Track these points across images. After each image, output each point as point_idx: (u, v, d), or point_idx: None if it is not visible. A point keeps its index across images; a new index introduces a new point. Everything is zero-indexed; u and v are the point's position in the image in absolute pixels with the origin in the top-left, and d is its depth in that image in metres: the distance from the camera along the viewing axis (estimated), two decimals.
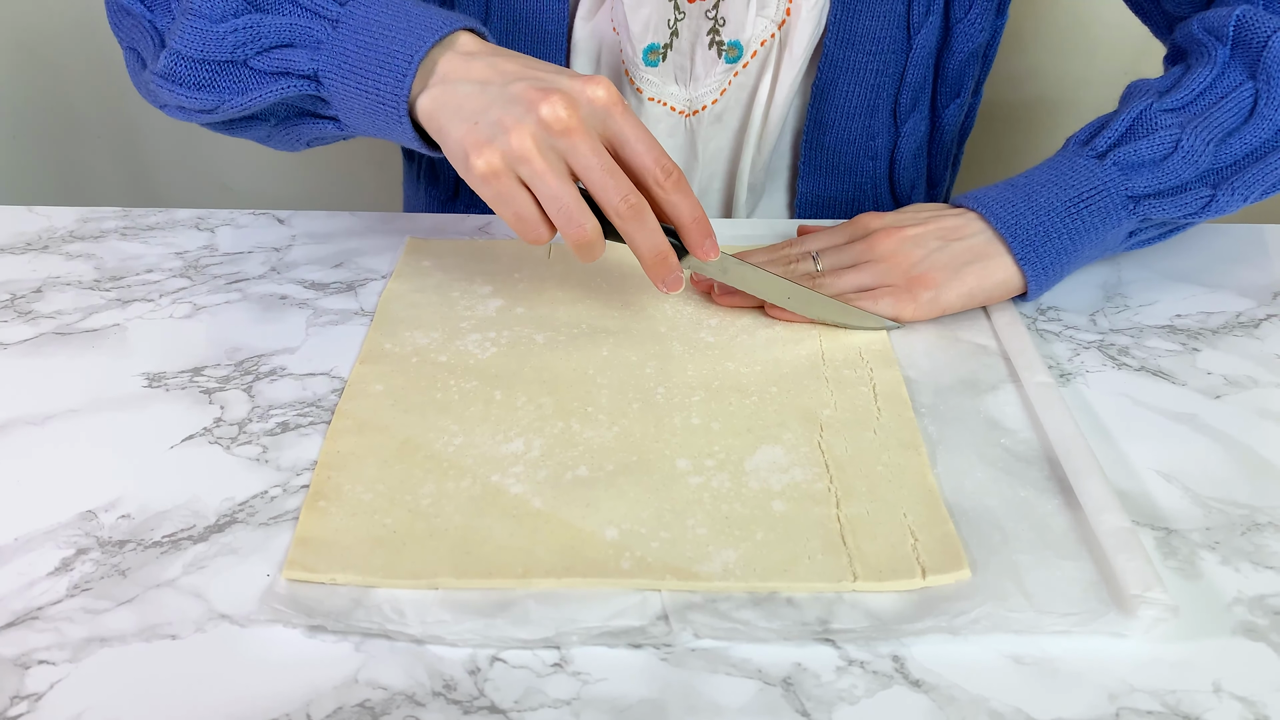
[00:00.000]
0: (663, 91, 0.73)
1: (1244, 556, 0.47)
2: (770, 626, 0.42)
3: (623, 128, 0.52)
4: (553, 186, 0.51)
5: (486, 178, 0.51)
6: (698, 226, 0.54)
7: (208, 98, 0.57)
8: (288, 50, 0.56)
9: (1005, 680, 0.41)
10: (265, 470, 0.50)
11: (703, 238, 0.55)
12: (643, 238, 0.53)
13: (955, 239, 0.60)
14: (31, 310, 0.61)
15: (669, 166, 0.53)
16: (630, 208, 0.52)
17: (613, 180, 0.51)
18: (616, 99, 0.52)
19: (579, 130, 0.50)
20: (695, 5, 0.70)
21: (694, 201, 0.54)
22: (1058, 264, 0.60)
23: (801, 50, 0.71)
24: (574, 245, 0.53)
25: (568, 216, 0.52)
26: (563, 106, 0.50)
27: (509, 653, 0.42)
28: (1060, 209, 0.60)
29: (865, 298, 0.59)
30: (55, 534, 0.46)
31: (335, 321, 0.61)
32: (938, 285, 0.59)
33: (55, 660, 0.41)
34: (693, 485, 0.49)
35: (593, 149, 0.51)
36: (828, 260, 0.62)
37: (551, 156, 0.51)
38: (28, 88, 1.35)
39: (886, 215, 0.63)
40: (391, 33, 0.54)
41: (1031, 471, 0.50)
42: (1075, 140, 0.64)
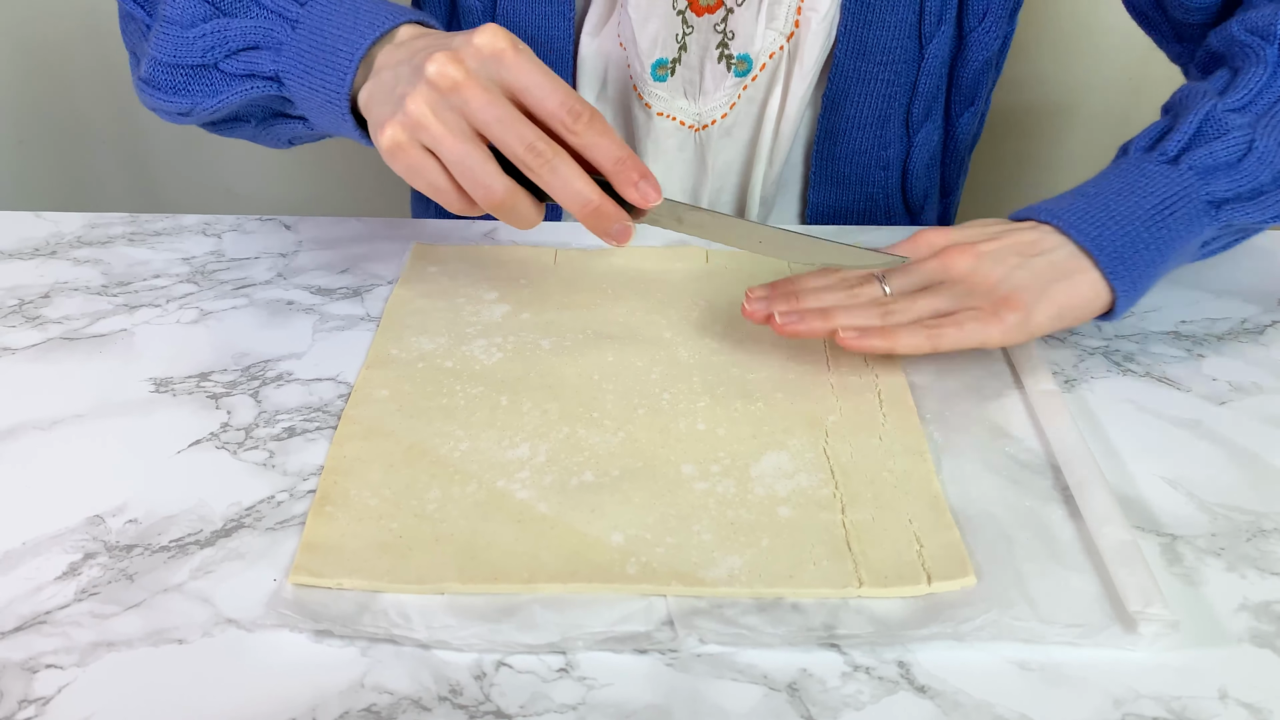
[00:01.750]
0: (671, 106, 0.73)
1: (1249, 563, 0.47)
2: (775, 632, 0.42)
3: (516, 74, 0.48)
4: (453, 149, 0.48)
5: (392, 152, 0.50)
6: (623, 168, 0.49)
7: (182, 101, 0.59)
8: (253, 53, 0.57)
9: (1010, 686, 0.41)
10: (272, 475, 0.50)
11: (634, 181, 0.50)
12: (559, 186, 0.49)
13: (1035, 254, 0.55)
14: (39, 315, 0.62)
15: (577, 107, 0.48)
16: (536, 155, 0.48)
17: (514, 129, 0.48)
18: (505, 44, 0.49)
19: (467, 83, 0.48)
20: (704, 19, 0.70)
21: (614, 141, 0.49)
22: (1146, 276, 0.56)
23: (812, 62, 0.71)
24: (491, 210, 0.50)
25: (472, 178, 0.49)
26: (447, 62, 0.48)
27: (515, 658, 0.42)
28: (1143, 218, 0.55)
29: (947, 323, 0.53)
30: (63, 538, 0.47)
31: (342, 327, 0.61)
32: (1025, 306, 0.54)
33: (63, 664, 0.41)
34: (698, 491, 0.49)
35: (487, 100, 0.48)
36: (896, 282, 0.56)
37: (449, 117, 0.48)
38: (35, 94, 1.36)
39: (951, 231, 0.58)
40: (340, 30, 0.55)
41: (1037, 480, 0.50)
42: (1137, 147, 0.60)
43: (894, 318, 0.54)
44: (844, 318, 0.54)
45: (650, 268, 0.66)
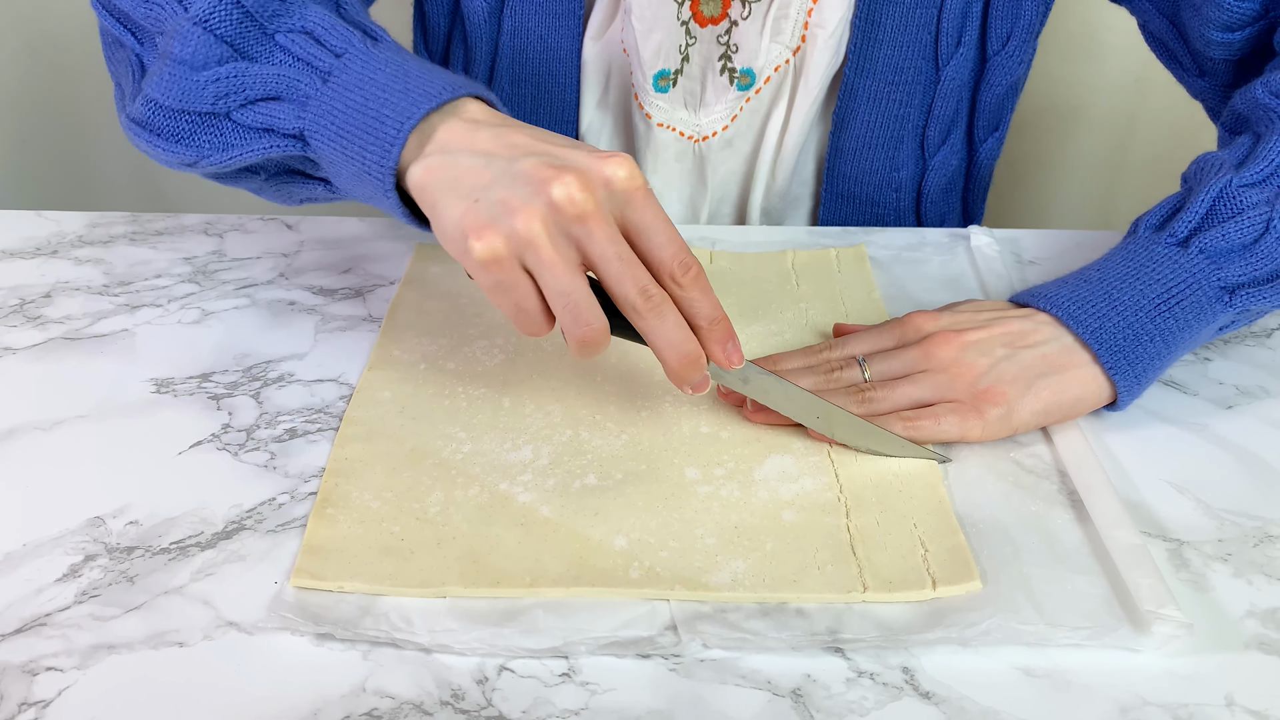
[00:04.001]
0: (672, 117, 0.73)
1: (1256, 569, 0.46)
2: (780, 637, 0.42)
3: (643, 215, 0.46)
4: (562, 279, 0.45)
5: (487, 264, 0.45)
6: (717, 329, 0.48)
7: (185, 152, 0.53)
8: (273, 104, 0.51)
9: (1016, 692, 0.41)
10: (273, 477, 0.50)
11: (723, 342, 0.48)
12: (664, 334, 0.46)
13: (1025, 346, 0.53)
14: (40, 315, 0.62)
15: (688, 261, 0.46)
16: (649, 300, 0.46)
17: (631, 272, 0.45)
18: (639, 182, 0.46)
19: (595, 215, 0.44)
20: (707, 30, 0.70)
21: (714, 301, 0.47)
22: (1150, 369, 0.52)
23: (818, 78, 0.71)
24: (577, 344, 0.47)
25: (575, 314, 0.46)
26: (578, 188, 0.44)
27: (517, 662, 0.42)
28: (1148, 308, 0.52)
29: (925, 415, 0.51)
30: (63, 540, 0.46)
31: (344, 328, 0.61)
32: (1008, 401, 0.51)
33: (63, 667, 0.41)
34: (702, 494, 0.49)
35: (610, 237, 0.45)
36: (876, 367, 0.54)
37: (562, 244, 0.45)
38: (37, 92, 1.36)
39: (942, 315, 0.55)
40: (386, 94, 0.49)
41: (1043, 484, 0.50)
42: (1147, 225, 0.56)
43: (871, 406, 0.52)
44: None
45: None
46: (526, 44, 0.72)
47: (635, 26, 0.69)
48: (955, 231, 0.71)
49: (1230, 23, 0.62)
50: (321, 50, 0.51)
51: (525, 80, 0.74)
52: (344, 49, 0.51)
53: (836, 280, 0.65)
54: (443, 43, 0.77)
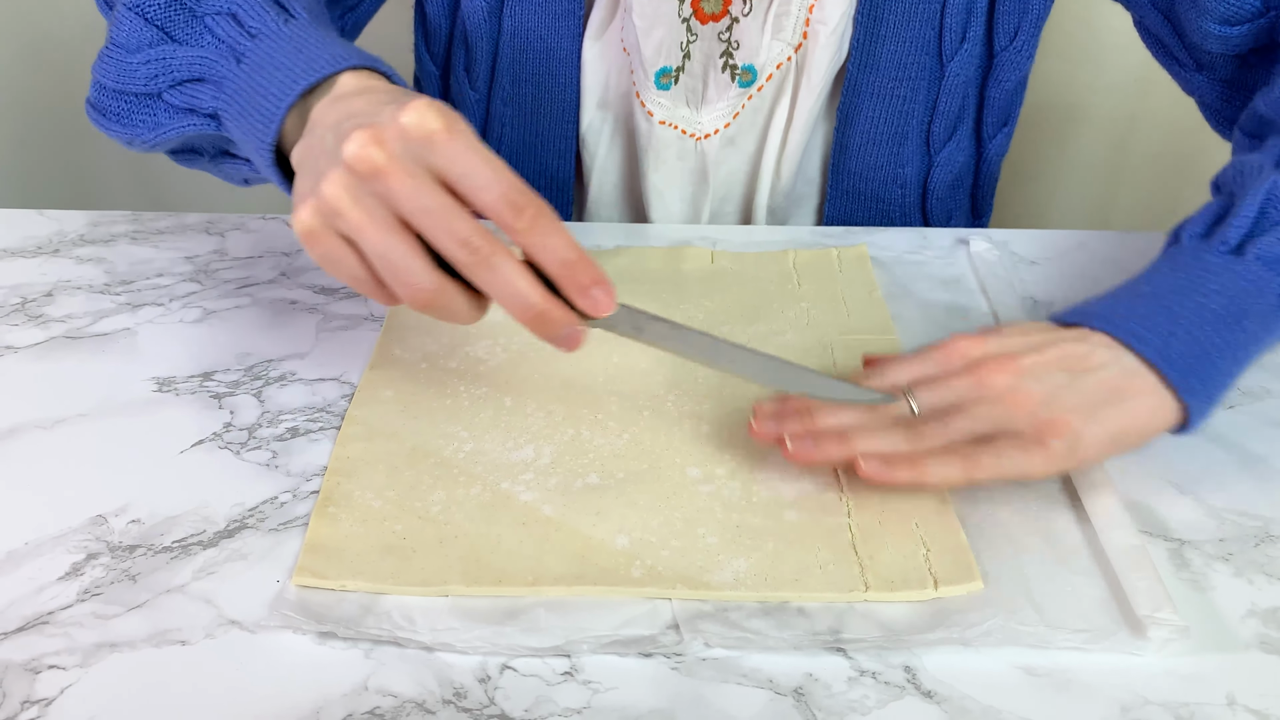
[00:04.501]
0: (673, 115, 0.73)
1: (1258, 568, 0.46)
2: (781, 636, 0.42)
3: (450, 160, 0.42)
4: (373, 241, 0.42)
5: (305, 239, 0.43)
6: (571, 271, 0.43)
7: (122, 131, 0.55)
8: (198, 85, 0.52)
9: (1017, 692, 0.41)
10: (275, 476, 0.50)
11: (584, 288, 0.44)
12: (499, 288, 0.43)
13: (1084, 370, 0.48)
14: (42, 314, 0.62)
15: (519, 200, 0.42)
16: (471, 251, 0.42)
17: (444, 224, 0.42)
18: (438, 124, 0.41)
19: (390, 170, 0.41)
20: (708, 27, 0.69)
21: (563, 240, 0.43)
22: (1220, 389, 0.49)
23: (820, 75, 0.70)
24: (416, 307, 0.43)
25: (394, 274, 0.43)
26: (367, 143, 0.41)
27: (519, 661, 0.42)
28: (1212, 322, 0.48)
29: (985, 451, 0.46)
30: (65, 539, 0.46)
31: (345, 327, 0.61)
32: (1073, 431, 0.46)
33: (65, 665, 0.41)
34: (704, 494, 0.49)
35: (412, 190, 0.41)
36: (924, 399, 0.49)
37: (370, 204, 0.42)
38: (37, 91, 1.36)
39: (988, 339, 0.50)
40: (279, 72, 0.49)
41: (1044, 484, 0.50)
42: (1191, 234, 0.52)
43: (922, 441, 0.47)
44: (865, 442, 0.47)
45: (655, 268, 0.66)
46: (526, 44, 0.72)
47: (636, 24, 0.69)
48: (957, 233, 0.71)
49: (1229, 16, 0.61)
50: (240, 31, 0.51)
51: (525, 80, 0.74)
52: (259, 29, 0.51)
53: (838, 280, 0.65)
54: (444, 43, 0.77)
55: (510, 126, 0.76)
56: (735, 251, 0.68)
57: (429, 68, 0.79)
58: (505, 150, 0.77)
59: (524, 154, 0.77)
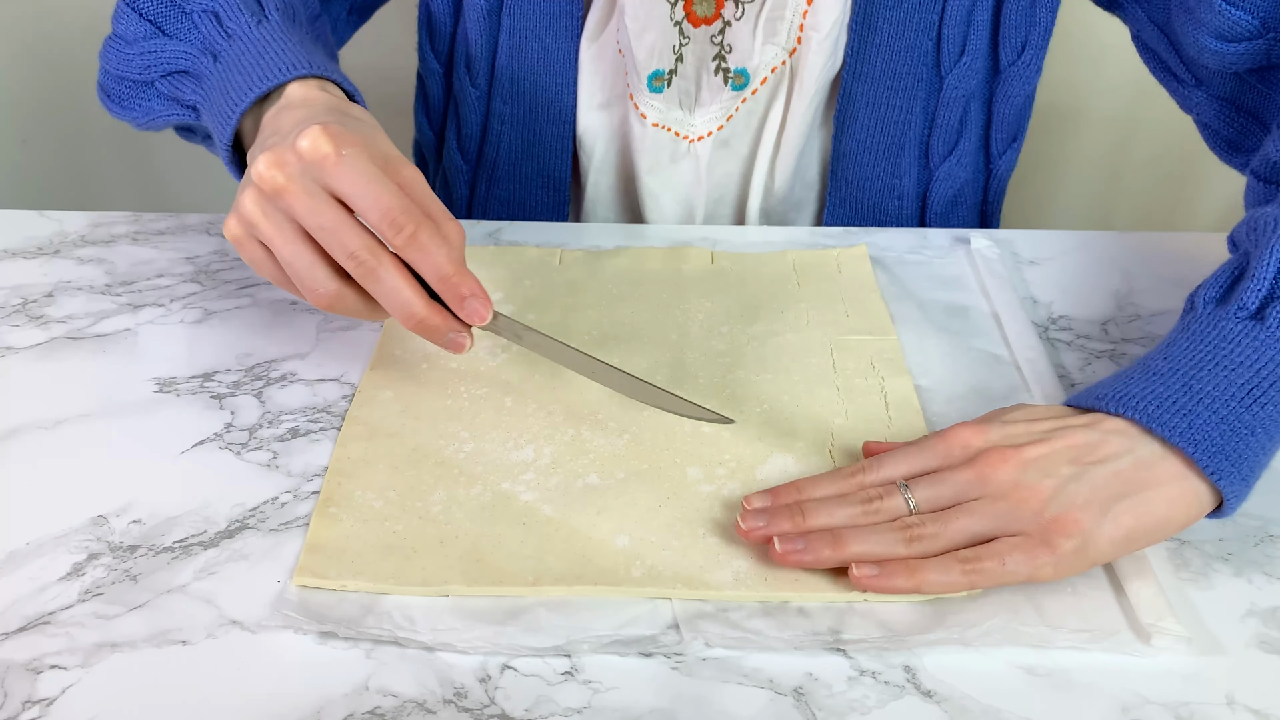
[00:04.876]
0: (666, 117, 0.73)
1: (1257, 568, 0.46)
2: (781, 636, 0.42)
3: (339, 182, 0.47)
4: (282, 251, 0.48)
5: (234, 244, 0.50)
6: (448, 285, 0.48)
7: (121, 113, 0.63)
8: (182, 78, 0.58)
9: (1017, 691, 0.41)
10: (276, 476, 0.50)
11: (458, 300, 0.48)
12: (385, 297, 0.48)
13: (1094, 461, 0.44)
14: (43, 315, 0.62)
15: (399, 221, 0.46)
16: (359, 266, 0.47)
17: (336, 239, 0.47)
18: (328, 149, 0.46)
19: (289, 189, 0.46)
20: (700, 30, 0.70)
21: (440, 258, 0.47)
22: (1256, 469, 0.45)
23: (814, 81, 0.70)
24: (323, 309, 0.49)
25: (302, 281, 0.48)
26: (268, 165, 0.47)
27: (520, 661, 0.42)
28: (1239, 396, 0.44)
29: (987, 555, 0.43)
30: (67, 539, 0.47)
31: (346, 327, 0.61)
32: (1083, 530, 0.43)
33: (67, 665, 0.41)
34: (704, 494, 0.49)
35: (309, 208, 0.46)
36: (922, 494, 0.46)
37: (277, 218, 0.47)
38: (38, 92, 1.36)
39: (990, 428, 0.47)
40: (243, 76, 0.53)
41: None
42: (1206, 300, 0.49)
43: (920, 545, 0.44)
44: (858, 545, 0.44)
45: (655, 269, 0.66)
46: (524, 44, 0.73)
47: (628, 26, 0.69)
48: (956, 233, 0.71)
49: (1224, 31, 0.59)
50: (219, 31, 0.56)
51: (524, 79, 0.74)
52: (234, 30, 0.56)
53: (837, 281, 0.65)
54: (447, 41, 0.77)
55: (510, 125, 0.76)
56: (735, 252, 0.68)
57: (432, 65, 0.79)
58: (504, 149, 0.77)
59: (522, 153, 0.77)
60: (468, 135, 0.78)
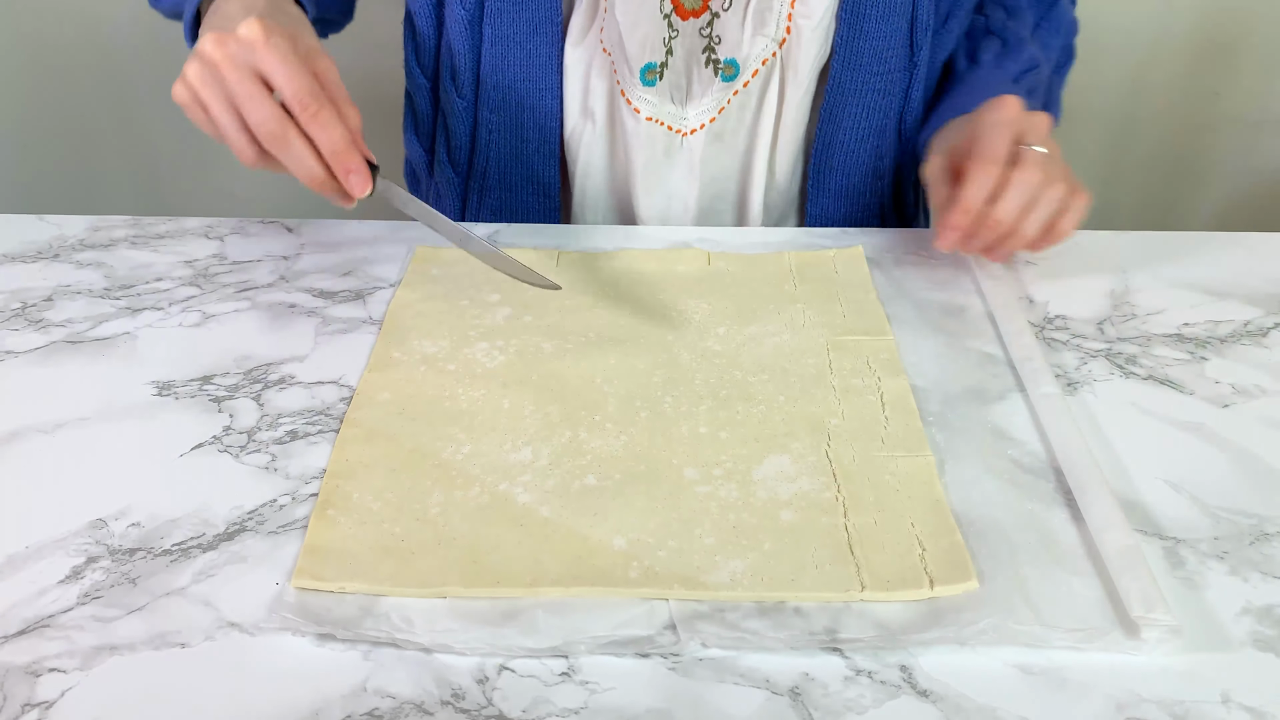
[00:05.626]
0: (660, 110, 0.73)
1: (1252, 567, 0.46)
2: (778, 636, 0.42)
3: (261, 63, 0.55)
4: (215, 112, 0.57)
5: (181, 105, 0.58)
6: (336, 160, 0.57)
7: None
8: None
9: (1013, 690, 0.41)
10: (274, 479, 0.50)
11: (344, 173, 0.57)
12: (291, 162, 0.57)
13: None
14: (42, 319, 0.62)
15: (304, 100, 0.55)
16: (269, 134, 0.56)
17: (253, 108, 0.55)
18: (258, 36, 0.55)
19: (223, 64, 0.55)
20: (689, 23, 0.70)
21: (334, 134, 0.56)
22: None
23: (806, 71, 0.71)
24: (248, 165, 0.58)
25: (228, 138, 0.57)
26: (212, 44, 0.56)
27: (517, 662, 0.42)
28: None
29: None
30: (66, 542, 0.47)
31: (344, 330, 0.61)
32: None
33: (66, 668, 0.41)
34: (700, 494, 0.49)
35: (236, 79, 0.55)
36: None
37: (212, 87, 0.56)
38: (38, 96, 1.36)
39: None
40: None
41: (1039, 484, 0.50)
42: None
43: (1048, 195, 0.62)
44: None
45: (652, 270, 0.66)
46: (507, 52, 0.73)
47: (620, 20, 0.69)
48: None
49: None
50: None
51: (508, 88, 0.74)
52: None
53: (834, 281, 0.65)
54: (432, 55, 0.78)
55: (497, 133, 0.76)
56: (732, 253, 0.68)
57: (419, 80, 0.79)
58: (494, 158, 0.77)
59: (511, 161, 0.77)
60: (457, 146, 0.79)
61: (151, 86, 1.35)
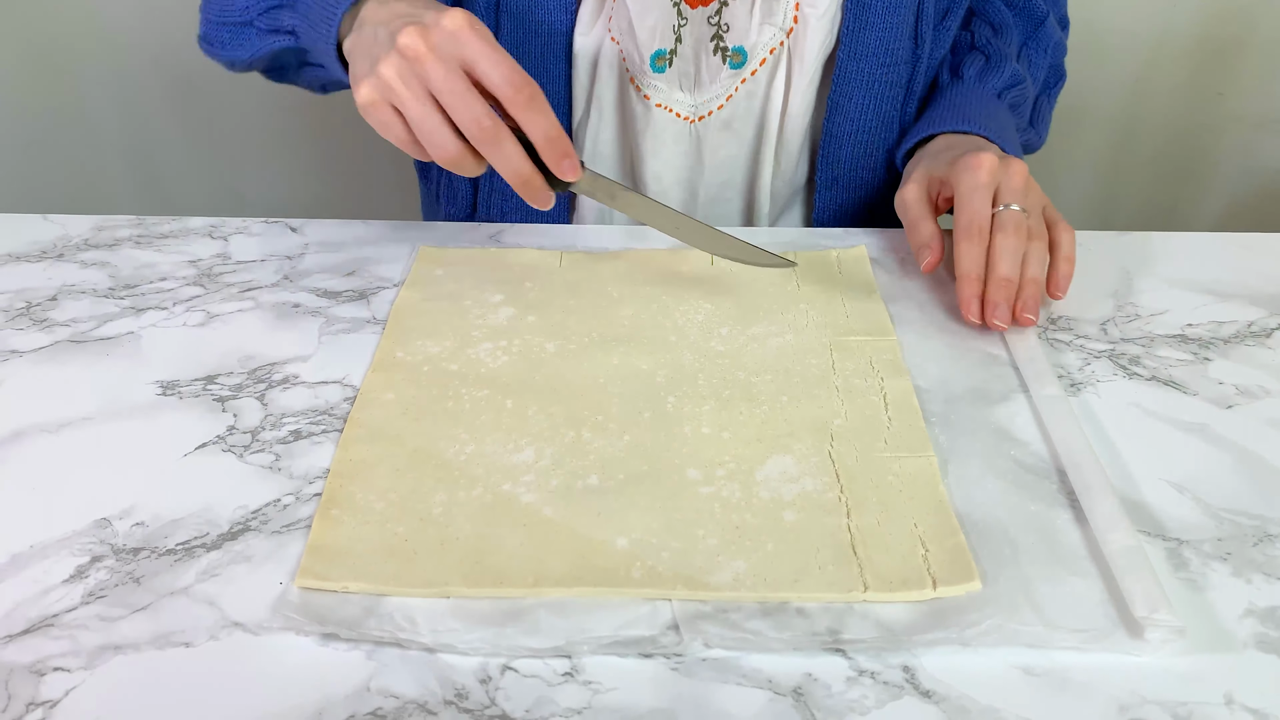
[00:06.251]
0: (669, 98, 0.74)
1: (1256, 568, 0.46)
2: (781, 636, 0.42)
3: (472, 52, 0.54)
4: (413, 111, 0.54)
5: (365, 108, 0.56)
6: (551, 146, 0.56)
7: (226, 54, 0.71)
8: (278, 10, 0.66)
9: (1016, 691, 0.41)
10: (278, 478, 0.50)
11: (559, 157, 0.56)
12: (500, 161, 0.55)
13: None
14: (46, 318, 0.62)
15: (519, 83, 0.54)
16: (482, 130, 0.54)
17: (463, 104, 0.53)
18: (465, 25, 0.54)
19: (429, 57, 0.53)
20: (697, 11, 0.71)
21: (549, 120, 0.55)
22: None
23: (813, 59, 0.71)
24: (442, 164, 0.56)
25: (430, 139, 0.55)
26: (415, 35, 0.53)
27: (520, 662, 0.42)
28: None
29: None
30: (70, 541, 0.47)
31: (347, 330, 0.61)
32: None
33: (70, 667, 0.41)
34: (703, 495, 0.49)
35: (444, 74, 0.53)
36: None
37: (413, 84, 0.54)
38: (42, 96, 1.36)
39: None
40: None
41: (1042, 484, 0.50)
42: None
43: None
44: None
45: (655, 271, 0.66)
46: (523, 41, 0.73)
47: (630, 7, 0.70)
48: None
49: None
50: None
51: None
52: None
53: (837, 281, 0.65)
54: None
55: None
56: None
57: None
58: None
59: None
60: None
61: (156, 86, 1.36)
